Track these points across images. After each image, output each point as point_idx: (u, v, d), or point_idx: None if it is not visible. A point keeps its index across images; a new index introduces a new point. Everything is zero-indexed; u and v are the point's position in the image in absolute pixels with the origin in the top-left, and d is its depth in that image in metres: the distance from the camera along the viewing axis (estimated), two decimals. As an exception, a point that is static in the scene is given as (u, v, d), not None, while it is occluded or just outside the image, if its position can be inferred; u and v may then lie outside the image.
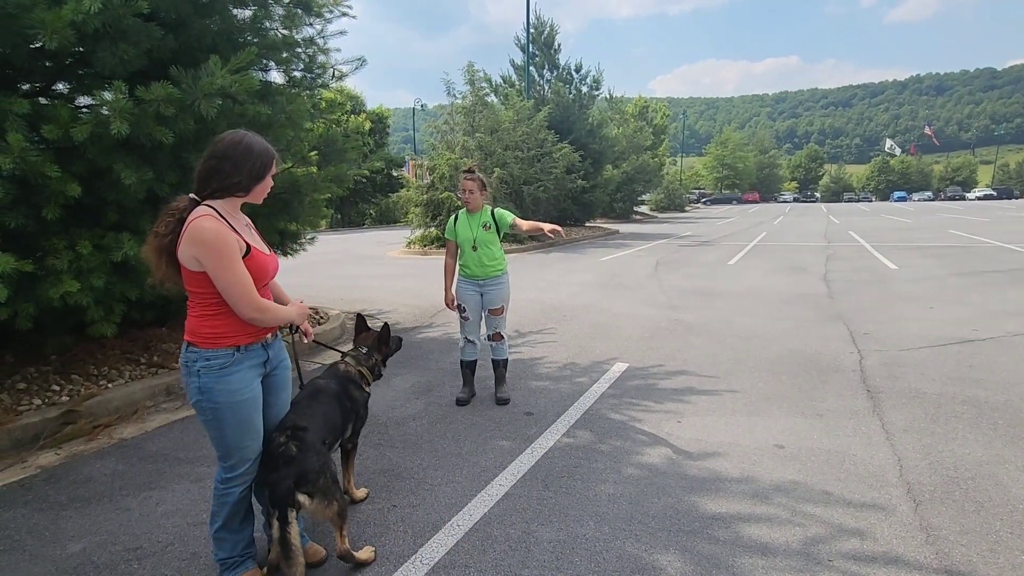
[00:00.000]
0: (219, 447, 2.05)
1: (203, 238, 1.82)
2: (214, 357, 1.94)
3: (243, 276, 1.88)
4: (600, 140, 22.41)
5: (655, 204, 42.18)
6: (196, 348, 1.95)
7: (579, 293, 8.48)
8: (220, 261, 1.84)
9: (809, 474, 2.96)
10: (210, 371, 1.94)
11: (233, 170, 1.92)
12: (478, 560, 2.31)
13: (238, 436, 2.03)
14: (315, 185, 5.35)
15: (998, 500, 2.67)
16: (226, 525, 2.11)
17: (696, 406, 3.92)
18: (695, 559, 2.29)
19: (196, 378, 1.95)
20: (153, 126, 3.50)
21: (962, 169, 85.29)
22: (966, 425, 3.51)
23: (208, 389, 1.95)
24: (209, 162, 1.93)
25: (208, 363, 1.94)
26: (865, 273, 9.83)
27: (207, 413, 1.99)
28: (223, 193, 1.94)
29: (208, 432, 2.04)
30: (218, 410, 1.97)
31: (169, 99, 3.44)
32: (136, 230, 3.86)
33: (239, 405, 1.99)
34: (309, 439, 2.14)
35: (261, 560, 2.27)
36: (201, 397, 1.96)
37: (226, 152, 1.92)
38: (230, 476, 2.08)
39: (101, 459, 3.27)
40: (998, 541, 2.37)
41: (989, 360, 4.74)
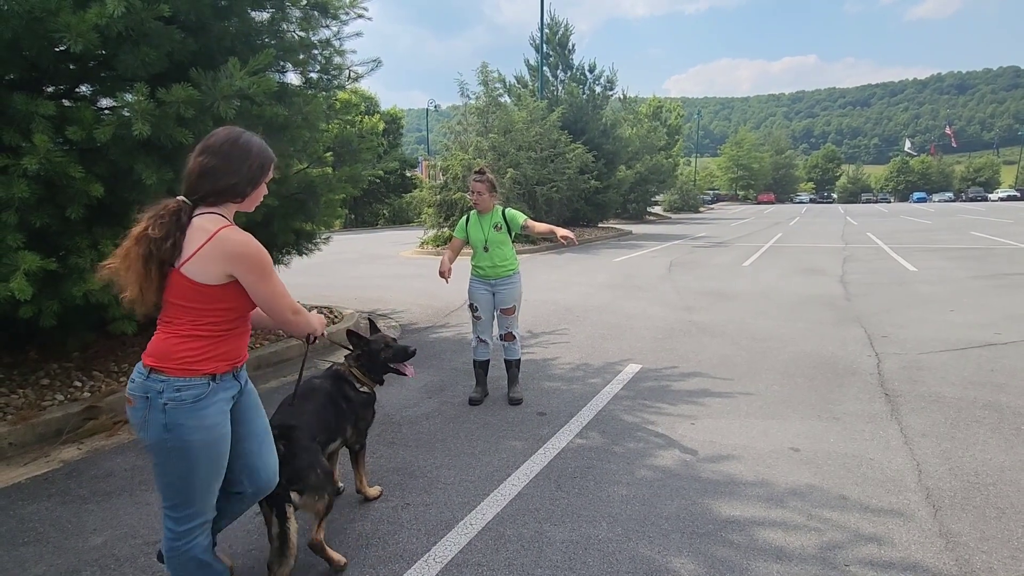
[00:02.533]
0: (178, 494, 1.72)
1: (246, 252, 1.65)
2: (186, 387, 1.65)
3: (281, 287, 1.76)
4: (613, 140, 22.33)
5: (669, 205, 41.90)
6: (163, 376, 1.64)
7: (592, 294, 8.46)
8: (263, 272, 1.69)
9: (825, 478, 2.93)
10: (180, 405, 1.64)
11: (228, 171, 1.68)
12: (491, 559, 2.31)
13: (208, 479, 1.74)
14: (330, 185, 5.41)
15: (1021, 507, 2.62)
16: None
17: (710, 408, 3.89)
18: (709, 562, 2.28)
19: (160, 413, 1.63)
20: (173, 127, 3.56)
21: (984, 169, 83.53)
22: (987, 430, 3.44)
23: (177, 426, 1.64)
24: (200, 158, 1.67)
25: (178, 395, 1.64)
26: (883, 275, 9.68)
27: (172, 455, 1.67)
28: (216, 198, 1.69)
29: (164, 477, 1.71)
30: (187, 450, 1.66)
31: (189, 101, 3.50)
32: (156, 229, 3.93)
33: (215, 443, 1.71)
34: (297, 437, 2.20)
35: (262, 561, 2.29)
36: (167, 435, 1.64)
37: (220, 149, 1.68)
38: (190, 526, 1.76)
39: (121, 454, 3.34)
40: (1020, 548, 2.32)
41: (1012, 364, 4.65)
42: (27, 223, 3.35)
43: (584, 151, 17.88)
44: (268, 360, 5.00)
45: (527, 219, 3.96)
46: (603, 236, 19.54)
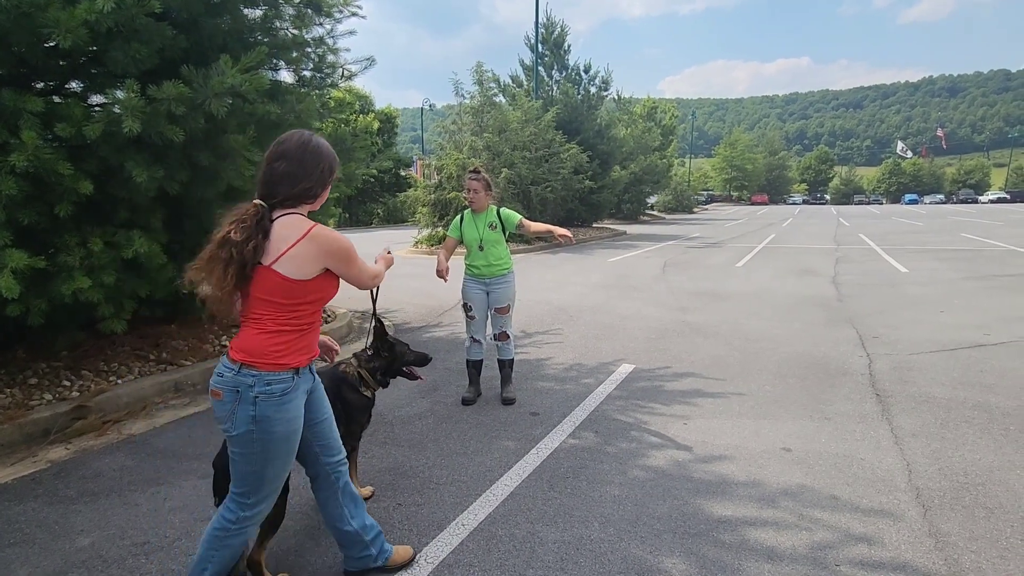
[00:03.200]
0: (251, 482, 1.82)
1: (340, 247, 1.80)
2: (276, 381, 1.75)
3: (362, 259, 1.92)
4: (608, 141, 22.37)
5: (663, 205, 42.02)
6: (255, 370, 1.73)
7: (586, 294, 8.47)
8: (352, 259, 1.86)
9: (816, 478, 2.94)
10: (270, 398, 1.74)
11: (304, 175, 1.78)
12: (482, 560, 2.31)
13: (280, 469, 1.86)
14: (323, 184, 5.38)
15: (1009, 506, 2.64)
16: (219, 573, 1.88)
17: (703, 408, 3.90)
18: (700, 562, 2.28)
19: (251, 406, 1.72)
20: (164, 124, 3.53)
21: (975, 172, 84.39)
22: (977, 430, 3.47)
23: (264, 419, 1.74)
24: (276, 164, 1.77)
25: (269, 388, 1.74)
26: (875, 276, 9.75)
27: (255, 445, 1.76)
28: (293, 202, 1.78)
29: (243, 467, 1.80)
30: (270, 442, 1.77)
31: (180, 98, 3.47)
32: (147, 227, 3.91)
33: (292, 435, 1.83)
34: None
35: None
36: (254, 427, 1.74)
37: (295, 154, 1.77)
38: (249, 514, 1.86)
39: (110, 454, 3.31)
40: (1009, 548, 2.34)
41: (1001, 365, 4.69)
42: (15, 220, 3.32)
43: (579, 151, 17.91)
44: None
45: (523, 218, 3.96)
46: (597, 236, 19.56)
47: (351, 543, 2.13)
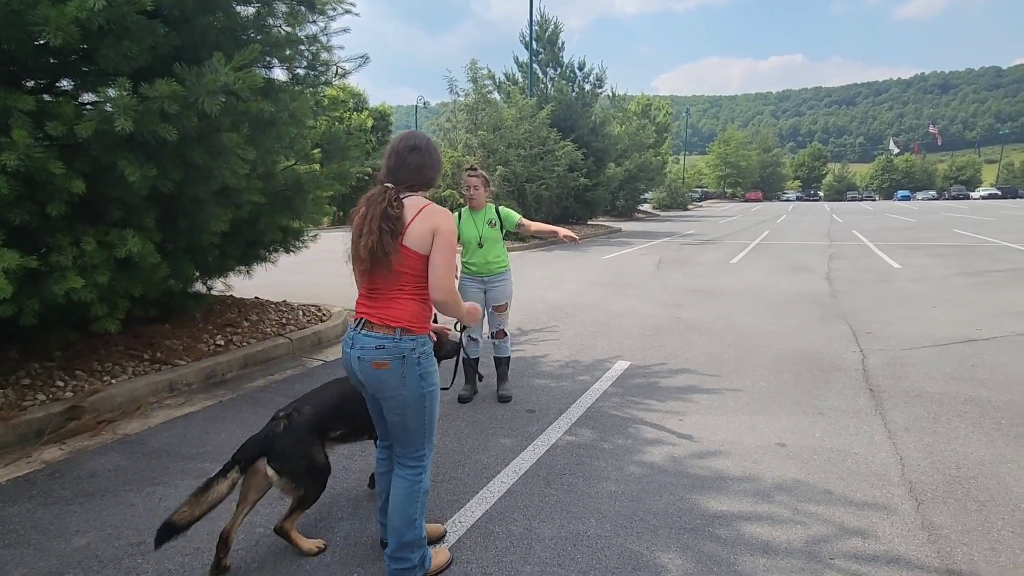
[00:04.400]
0: (423, 435, 2.07)
1: (448, 221, 1.97)
2: (425, 343, 2.01)
3: (453, 263, 2.02)
4: (603, 138, 22.36)
5: (658, 202, 42.08)
6: (413, 335, 1.97)
7: (581, 291, 8.48)
8: (450, 243, 1.96)
9: (811, 473, 2.96)
10: (427, 356, 2.02)
11: (431, 165, 2.06)
12: (480, 556, 2.31)
13: (436, 418, 2.11)
14: (318, 182, 5.36)
15: (1000, 499, 2.67)
16: (422, 516, 2.13)
17: (698, 404, 3.92)
18: (697, 557, 2.30)
19: (417, 366, 1.97)
20: (157, 123, 3.50)
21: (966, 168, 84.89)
22: (969, 424, 3.50)
23: (428, 374, 2.01)
24: (410, 156, 2.02)
25: (425, 348, 2.01)
26: (868, 272, 9.81)
27: (425, 400, 2.02)
28: (421, 187, 2.05)
29: (415, 422, 2.03)
30: (434, 393, 2.04)
31: (173, 96, 3.44)
32: (140, 227, 3.87)
33: (439, 387, 2.09)
34: (298, 422, 2.28)
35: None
36: (424, 384, 2.00)
37: (426, 148, 2.05)
38: (427, 462, 2.12)
39: (105, 454, 3.29)
40: (1000, 540, 2.37)
41: (992, 360, 4.73)
42: (6, 220, 3.28)
43: (573, 149, 17.91)
44: (255, 359, 4.96)
45: (522, 218, 3.96)
46: (593, 234, 19.58)
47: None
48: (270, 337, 5.35)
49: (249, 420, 3.74)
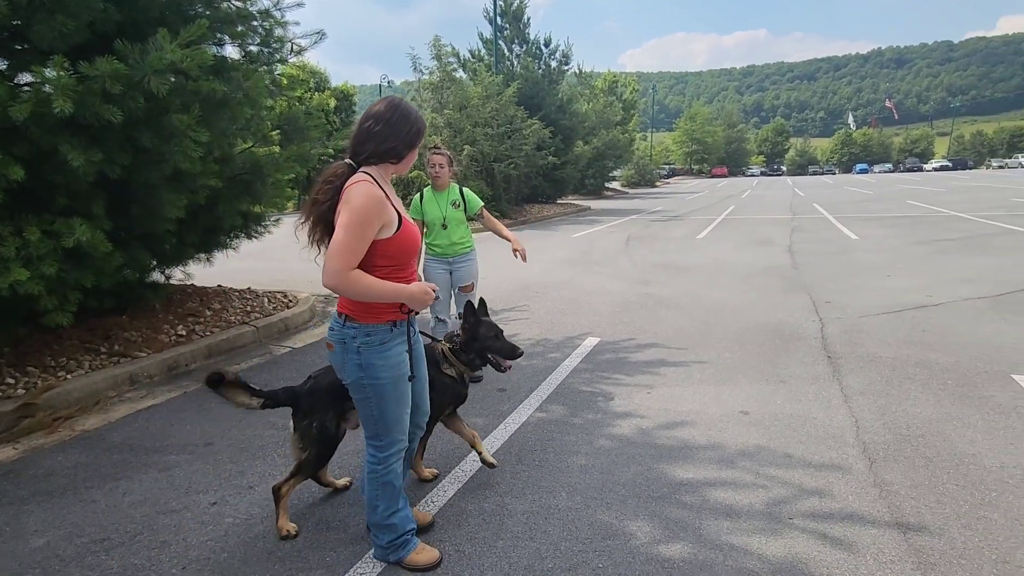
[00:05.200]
0: (377, 425, 2.01)
1: (349, 195, 1.80)
2: (374, 332, 1.91)
3: (354, 244, 1.78)
4: (570, 116, 22.28)
5: (626, 180, 42.34)
6: (355, 323, 1.91)
7: (551, 270, 8.52)
8: (348, 218, 1.77)
9: (772, 438, 3.07)
10: (370, 347, 1.91)
11: (390, 134, 1.89)
12: (452, 534, 2.34)
13: (397, 410, 2.01)
14: (278, 165, 5.21)
15: (945, 455, 2.83)
16: (391, 503, 2.08)
17: (666, 377, 4.01)
18: (664, 524, 2.37)
19: (356, 355, 1.91)
20: (99, 104, 3.33)
21: (920, 141, 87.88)
22: (918, 386, 3.68)
23: (369, 365, 1.91)
24: (365, 123, 1.90)
25: (368, 339, 1.91)
26: (827, 244, 10.12)
27: (367, 391, 1.95)
28: (378, 159, 1.91)
29: (364, 411, 2.00)
30: (380, 386, 1.94)
31: (115, 75, 3.27)
32: (88, 215, 3.70)
33: (400, 379, 1.98)
34: (321, 384, 2.34)
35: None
36: (362, 374, 1.93)
37: (382, 114, 1.89)
38: (387, 454, 2.04)
39: (63, 452, 3.18)
40: (944, 493, 2.51)
41: (941, 324, 4.96)
42: (-61, 210, 3.10)
43: (541, 127, 17.79)
44: (220, 348, 4.84)
45: (484, 208, 3.96)
46: (562, 212, 19.61)
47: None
48: (234, 326, 5.23)
49: (215, 411, 3.67)
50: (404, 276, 1.96)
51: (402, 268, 1.95)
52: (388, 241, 1.87)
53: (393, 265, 1.92)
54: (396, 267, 1.93)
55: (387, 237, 1.87)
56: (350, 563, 2.18)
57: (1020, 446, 2.87)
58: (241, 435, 3.31)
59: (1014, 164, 63.70)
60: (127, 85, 3.38)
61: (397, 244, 1.90)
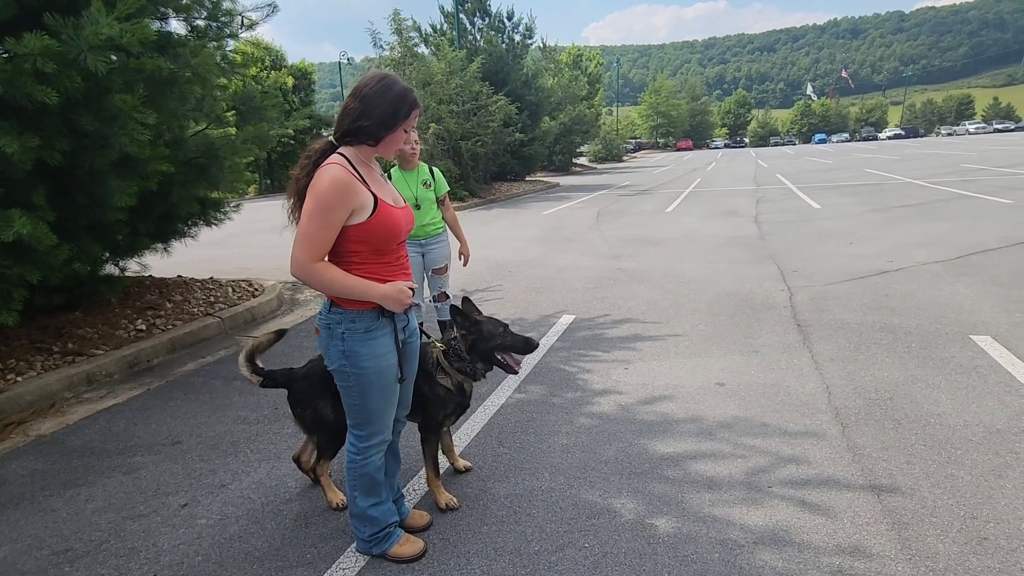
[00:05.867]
0: (358, 415, 1.94)
1: (314, 182, 1.71)
2: (359, 319, 1.82)
3: (317, 232, 1.70)
4: (536, 91, 21.98)
5: (593, 155, 42.31)
6: (340, 309, 1.83)
7: (523, 248, 8.46)
8: (314, 207, 1.69)
9: (748, 408, 3.12)
10: (354, 334, 1.83)
11: (361, 112, 1.75)
12: (436, 522, 2.30)
13: (381, 404, 1.94)
14: (234, 148, 4.95)
15: (913, 416, 2.92)
16: (370, 496, 2.02)
17: (642, 352, 4.03)
18: (647, 499, 2.38)
19: (340, 341, 1.83)
20: (31, 85, 3.07)
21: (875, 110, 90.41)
22: (884, 350, 3.78)
23: (353, 353, 1.84)
24: (348, 99, 1.79)
25: (353, 325, 1.82)
26: (792, 214, 10.32)
27: (350, 379, 1.88)
28: (352, 138, 1.79)
29: (347, 399, 1.94)
30: (363, 375, 1.86)
31: (47, 52, 3.02)
32: (29, 206, 3.44)
33: (385, 370, 1.89)
34: (316, 371, 2.27)
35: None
36: (345, 362, 1.85)
37: (359, 90, 1.77)
38: (368, 445, 1.97)
39: (17, 459, 3.00)
40: (913, 454, 2.59)
41: (902, 289, 5.12)
42: None
43: (507, 103, 17.50)
44: (183, 342, 4.64)
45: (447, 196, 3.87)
46: (531, 190, 19.49)
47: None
48: (198, 317, 5.02)
49: (181, 407, 3.52)
50: (387, 262, 1.86)
51: (382, 254, 1.84)
52: (361, 226, 1.76)
53: (371, 251, 1.82)
54: (375, 252, 1.82)
55: (360, 222, 1.76)
56: (332, 558, 2.13)
57: (981, 404, 2.98)
58: (211, 432, 3.19)
59: (961, 131, 66.20)
60: (61, 63, 3.12)
61: (371, 229, 1.78)
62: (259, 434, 3.13)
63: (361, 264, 1.81)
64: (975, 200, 10.32)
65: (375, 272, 1.83)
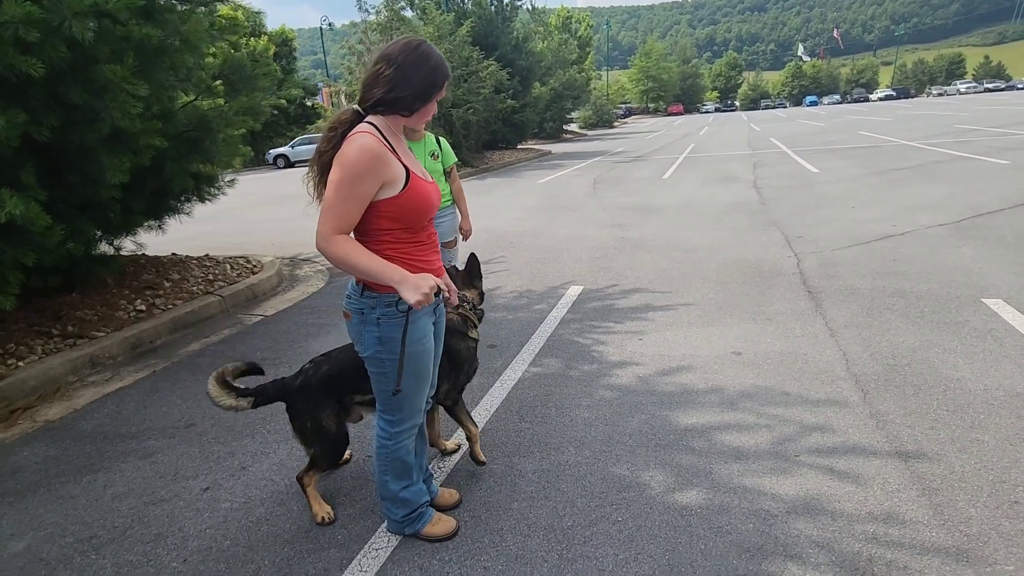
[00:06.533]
0: (391, 401, 1.88)
1: (343, 150, 1.60)
2: (396, 303, 1.72)
3: (343, 204, 1.60)
4: (527, 55, 21.42)
5: (584, 122, 41.68)
6: (374, 293, 1.72)
7: (523, 218, 8.34)
8: (341, 176, 1.58)
9: (767, 377, 3.11)
10: (391, 320, 1.73)
11: (401, 80, 1.64)
12: (466, 499, 2.28)
13: (415, 389, 1.87)
14: (227, 120, 4.76)
15: (932, 381, 2.92)
16: (402, 479, 1.98)
17: (655, 322, 4.00)
18: (676, 471, 2.37)
19: (375, 327, 1.75)
20: (14, 55, 2.89)
21: (866, 71, 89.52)
22: (897, 316, 3.78)
23: (389, 339, 1.75)
24: (376, 66, 1.67)
25: (389, 310, 1.73)
26: (790, 179, 10.24)
27: (385, 366, 1.79)
28: (385, 108, 1.68)
29: (379, 387, 1.87)
30: (397, 363, 1.78)
31: (30, 20, 2.83)
32: (19, 185, 3.29)
33: (422, 356, 1.82)
34: (312, 380, 2.14)
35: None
36: (381, 348, 1.77)
37: (394, 57, 1.64)
38: (400, 430, 1.92)
39: (27, 445, 2.94)
40: (937, 419, 2.60)
41: (909, 253, 5.11)
42: None
43: (498, 68, 17.05)
44: (185, 321, 4.55)
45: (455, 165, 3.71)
46: (524, 158, 19.20)
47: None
48: (198, 296, 4.91)
49: (190, 388, 3.46)
50: (418, 240, 1.77)
51: (413, 232, 1.75)
52: (392, 201, 1.67)
53: (402, 228, 1.72)
54: (406, 230, 1.73)
55: (391, 196, 1.66)
56: (363, 539, 2.11)
57: (1000, 368, 2.99)
58: (224, 413, 3.09)
59: (952, 91, 65.86)
60: (44, 32, 2.93)
61: (404, 204, 1.68)
62: (274, 415, 3.08)
63: (394, 244, 1.72)
64: (972, 161, 10.29)
65: (407, 252, 1.74)
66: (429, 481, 2.23)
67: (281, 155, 24.48)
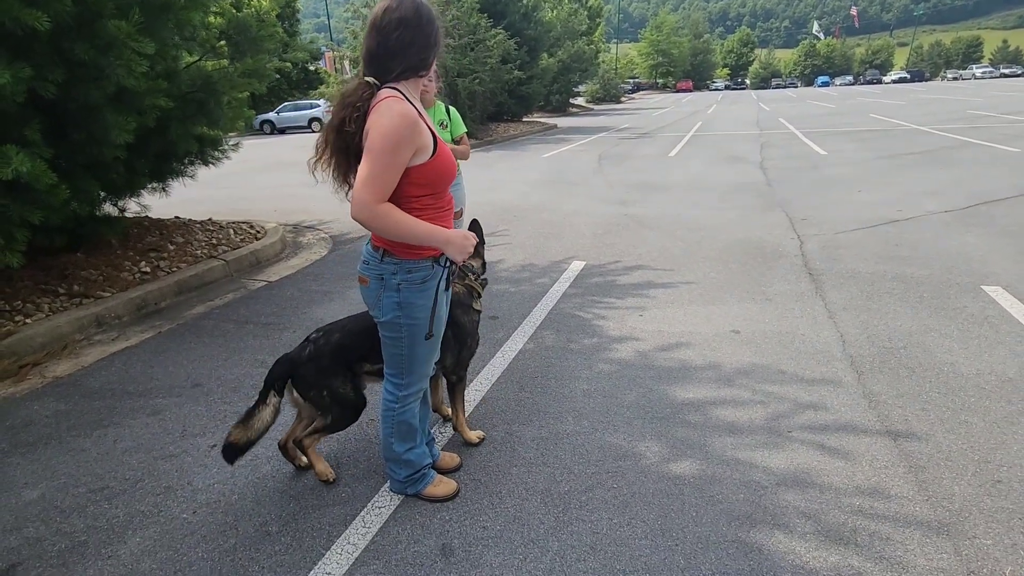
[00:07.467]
0: (402, 364, 1.91)
1: (379, 120, 1.56)
2: (416, 269, 1.75)
3: (385, 173, 1.57)
4: (535, 25, 20.97)
5: (591, 95, 41.02)
6: (395, 258, 1.74)
7: (527, 192, 8.31)
8: (382, 144, 1.55)
9: (765, 356, 3.16)
10: (411, 285, 1.76)
11: (424, 42, 1.64)
12: (466, 464, 2.35)
13: (427, 353, 1.91)
14: (232, 82, 4.71)
15: (926, 364, 2.97)
16: (406, 441, 2.04)
17: (656, 299, 4.04)
18: (671, 443, 2.44)
19: (395, 293, 1.76)
20: (19, 8, 2.86)
21: (881, 52, 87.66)
22: (897, 300, 3.81)
23: (409, 304, 1.78)
24: (393, 34, 1.61)
25: (410, 276, 1.75)
26: (798, 160, 10.16)
27: (402, 331, 1.82)
28: (411, 73, 1.66)
29: (392, 350, 1.89)
30: (416, 327, 1.81)
31: (34, -28, 2.78)
32: (24, 141, 3.28)
33: (437, 320, 1.85)
34: (322, 349, 2.13)
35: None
36: (400, 313, 1.79)
37: (413, 20, 1.61)
38: (407, 393, 1.96)
39: (38, 400, 3.01)
40: (928, 401, 2.66)
41: (913, 238, 5.11)
42: None
43: (505, 38, 16.71)
44: (189, 284, 4.58)
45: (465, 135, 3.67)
46: (529, 131, 18.97)
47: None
48: (202, 260, 4.94)
49: (196, 350, 3.52)
50: (441, 205, 1.79)
51: (439, 196, 1.77)
52: (423, 167, 1.66)
53: (429, 194, 1.73)
54: (433, 195, 1.74)
55: (422, 163, 1.66)
56: (367, 497, 2.18)
57: (993, 354, 3.04)
58: (230, 374, 3.19)
59: (968, 76, 64.61)
60: (49, -16, 2.89)
61: (433, 170, 1.68)
62: (279, 377, 3.14)
63: (420, 210, 1.71)
64: (982, 148, 10.19)
65: (431, 217, 1.74)
66: (431, 445, 2.29)
67: (267, 120, 24.11)
